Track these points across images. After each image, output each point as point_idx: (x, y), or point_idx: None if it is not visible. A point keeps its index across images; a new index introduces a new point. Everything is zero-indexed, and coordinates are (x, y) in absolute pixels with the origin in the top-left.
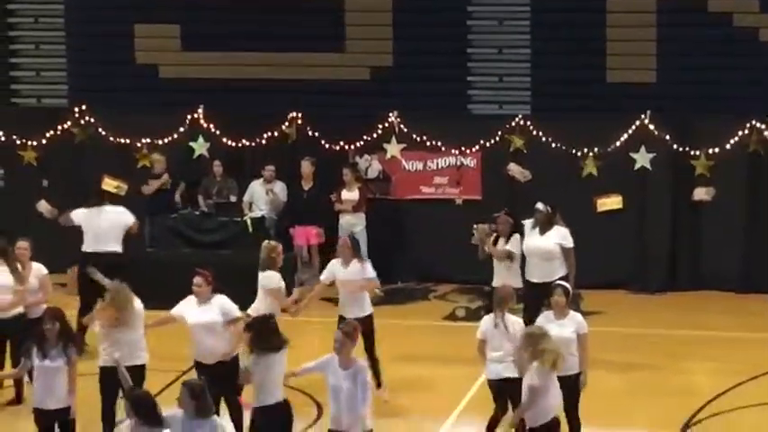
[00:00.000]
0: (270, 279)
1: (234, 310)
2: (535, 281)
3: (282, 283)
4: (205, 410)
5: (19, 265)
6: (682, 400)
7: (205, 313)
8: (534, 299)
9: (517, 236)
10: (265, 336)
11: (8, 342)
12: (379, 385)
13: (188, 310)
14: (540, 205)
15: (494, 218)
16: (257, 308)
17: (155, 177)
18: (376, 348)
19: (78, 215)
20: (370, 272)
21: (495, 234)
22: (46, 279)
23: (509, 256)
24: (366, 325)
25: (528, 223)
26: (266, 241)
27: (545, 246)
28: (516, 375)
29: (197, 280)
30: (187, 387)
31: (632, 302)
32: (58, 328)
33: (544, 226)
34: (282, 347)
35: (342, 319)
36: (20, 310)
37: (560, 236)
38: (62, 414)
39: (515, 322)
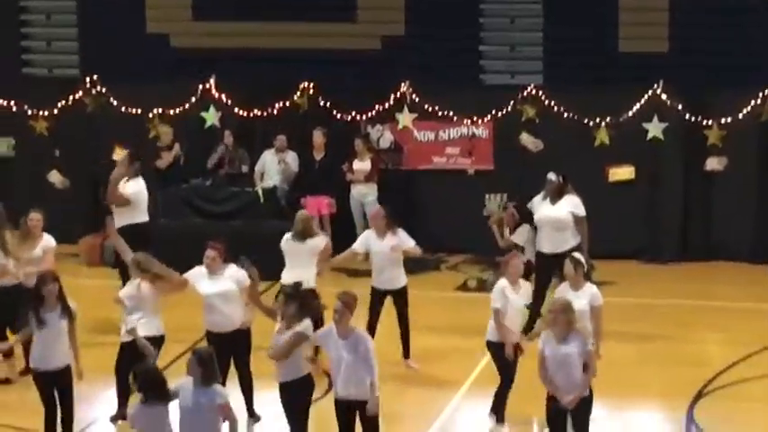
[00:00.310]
0: (318, 243)
1: (245, 278)
2: (546, 251)
3: None
4: (211, 378)
5: (12, 237)
6: (693, 370)
7: (219, 283)
8: (545, 269)
9: (525, 226)
10: (307, 308)
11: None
12: (407, 356)
13: (200, 280)
14: (551, 175)
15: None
16: (307, 277)
17: (162, 149)
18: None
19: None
20: (408, 240)
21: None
22: (50, 252)
23: (515, 246)
24: (402, 296)
25: (539, 196)
26: (301, 211)
27: (557, 215)
28: None
29: (210, 253)
30: (196, 354)
31: (644, 272)
32: (57, 289)
33: (555, 195)
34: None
35: (375, 290)
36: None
37: (573, 204)
38: (63, 376)
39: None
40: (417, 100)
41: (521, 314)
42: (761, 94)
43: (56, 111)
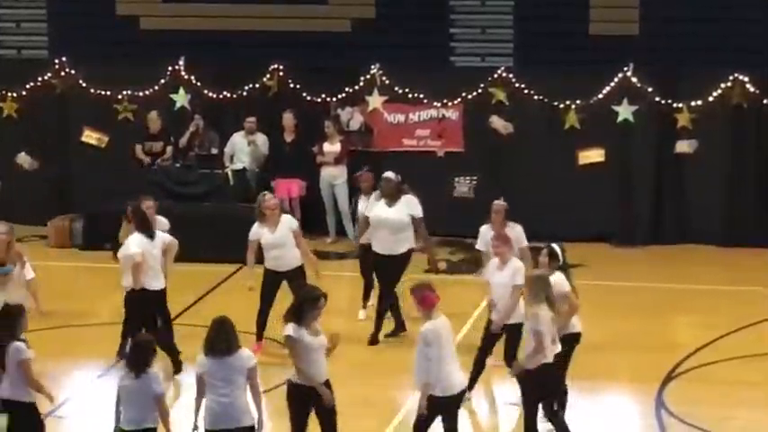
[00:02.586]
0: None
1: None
2: (380, 252)
3: None
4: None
5: None
6: (664, 353)
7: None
8: (374, 269)
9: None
10: None
11: None
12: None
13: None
14: (389, 174)
15: (356, 176)
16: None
17: (150, 138)
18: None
19: None
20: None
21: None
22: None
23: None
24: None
25: (374, 194)
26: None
27: (395, 217)
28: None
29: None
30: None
31: (615, 255)
32: None
33: (392, 196)
34: None
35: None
36: None
37: (410, 206)
38: None
39: None
40: (387, 82)
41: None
42: (731, 78)
43: (24, 92)
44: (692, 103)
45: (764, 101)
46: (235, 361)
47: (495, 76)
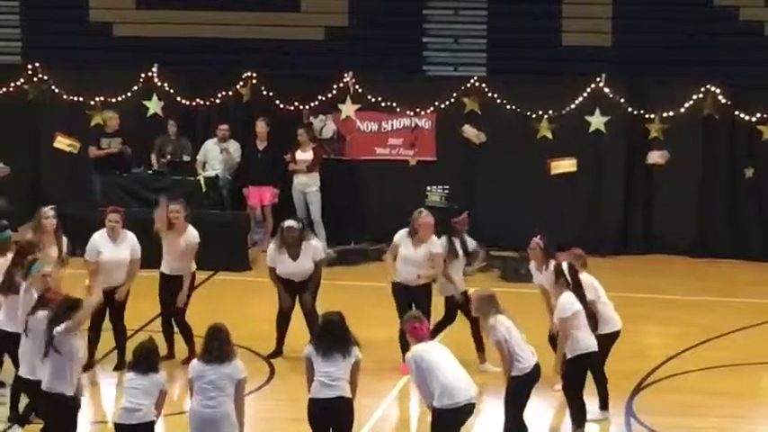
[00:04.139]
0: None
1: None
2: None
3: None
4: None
5: None
6: (634, 363)
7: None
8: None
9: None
10: None
11: None
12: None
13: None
14: (291, 223)
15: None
16: None
17: (108, 136)
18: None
19: None
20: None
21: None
22: None
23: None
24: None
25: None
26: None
27: (303, 267)
28: None
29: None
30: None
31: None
32: None
33: (297, 245)
34: None
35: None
36: None
37: (316, 252)
38: None
39: None
40: (360, 90)
41: None
42: (703, 89)
43: None
44: (664, 114)
45: (736, 112)
46: (227, 369)
47: (468, 85)
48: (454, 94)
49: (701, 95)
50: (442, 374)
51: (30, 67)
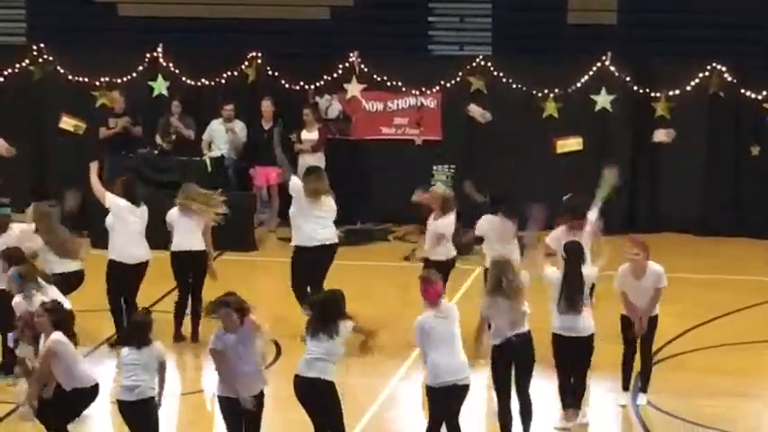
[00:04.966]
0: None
1: None
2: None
3: None
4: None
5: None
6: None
7: None
8: None
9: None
10: None
11: None
12: None
13: None
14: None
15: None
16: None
17: (115, 116)
18: None
19: None
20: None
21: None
22: None
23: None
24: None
25: None
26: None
27: None
28: None
29: None
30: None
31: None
32: None
33: None
34: None
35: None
36: None
37: None
38: None
39: None
40: (366, 70)
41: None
42: (708, 67)
43: (2, 78)
44: (670, 93)
45: (741, 90)
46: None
47: (474, 64)
48: (460, 74)
49: (706, 74)
50: (434, 353)
51: (34, 47)
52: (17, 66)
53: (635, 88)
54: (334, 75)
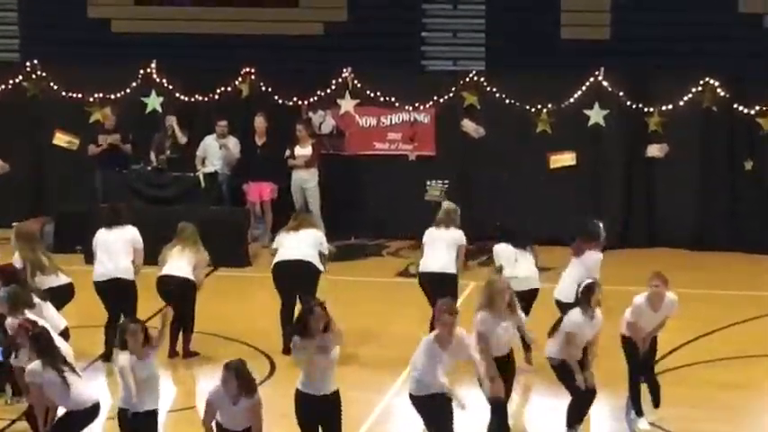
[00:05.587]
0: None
1: None
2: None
3: None
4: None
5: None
6: None
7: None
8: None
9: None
10: None
11: None
12: None
13: None
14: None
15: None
16: (445, 262)
17: (106, 133)
18: None
19: None
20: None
21: None
22: None
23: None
24: None
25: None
26: (448, 202)
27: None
28: None
29: None
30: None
31: None
32: None
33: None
34: None
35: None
36: None
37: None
38: None
39: None
40: (359, 85)
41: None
42: (701, 81)
43: None
44: (663, 108)
45: (734, 105)
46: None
47: (467, 79)
48: (453, 89)
49: (699, 88)
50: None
51: (28, 63)
52: (11, 82)
53: (628, 103)
54: (328, 90)
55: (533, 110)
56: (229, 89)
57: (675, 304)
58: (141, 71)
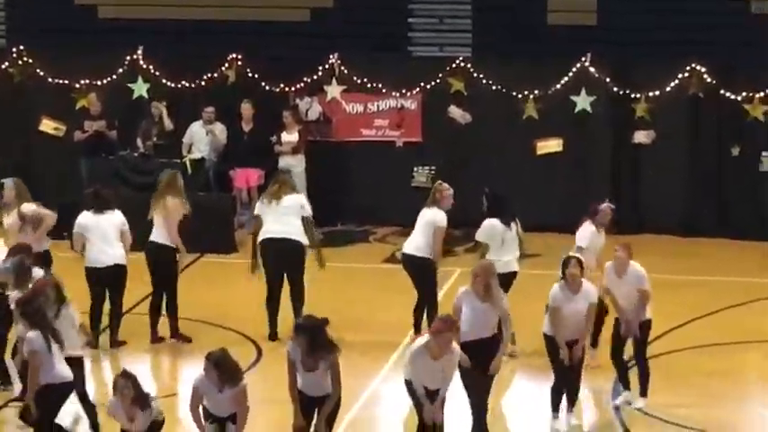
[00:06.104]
0: (441, 216)
1: None
2: None
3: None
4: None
5: None
6: None
7: None
8: None
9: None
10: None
11: None
12: None
13: None
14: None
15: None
16: (418, 244)
17: (91, 119)
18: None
19: None
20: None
21: None
22: None
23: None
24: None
25: None
26: (439, 182)
27: None
28: None
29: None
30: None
31: (571, 245)
32: None
33: None
34: None
35: None
36: None
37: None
38: None
39: None
40: (346, 72)
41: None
42: (688, 68)
43: None
44: (650, 94)
45: (721, 91)
46: None
47: (454, 65)
48: (440, 75)
49: (686, 74)
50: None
51: (14, 50)
52: None
53: (615, 89)
54: (315, 77)
55: (520, 96)
56: (216, 75)
57: (642, 279)
58: (128, 57)
